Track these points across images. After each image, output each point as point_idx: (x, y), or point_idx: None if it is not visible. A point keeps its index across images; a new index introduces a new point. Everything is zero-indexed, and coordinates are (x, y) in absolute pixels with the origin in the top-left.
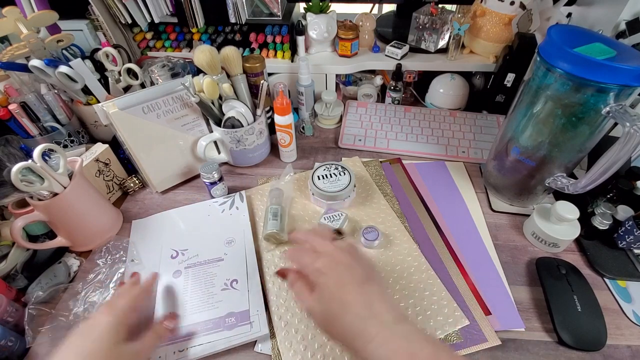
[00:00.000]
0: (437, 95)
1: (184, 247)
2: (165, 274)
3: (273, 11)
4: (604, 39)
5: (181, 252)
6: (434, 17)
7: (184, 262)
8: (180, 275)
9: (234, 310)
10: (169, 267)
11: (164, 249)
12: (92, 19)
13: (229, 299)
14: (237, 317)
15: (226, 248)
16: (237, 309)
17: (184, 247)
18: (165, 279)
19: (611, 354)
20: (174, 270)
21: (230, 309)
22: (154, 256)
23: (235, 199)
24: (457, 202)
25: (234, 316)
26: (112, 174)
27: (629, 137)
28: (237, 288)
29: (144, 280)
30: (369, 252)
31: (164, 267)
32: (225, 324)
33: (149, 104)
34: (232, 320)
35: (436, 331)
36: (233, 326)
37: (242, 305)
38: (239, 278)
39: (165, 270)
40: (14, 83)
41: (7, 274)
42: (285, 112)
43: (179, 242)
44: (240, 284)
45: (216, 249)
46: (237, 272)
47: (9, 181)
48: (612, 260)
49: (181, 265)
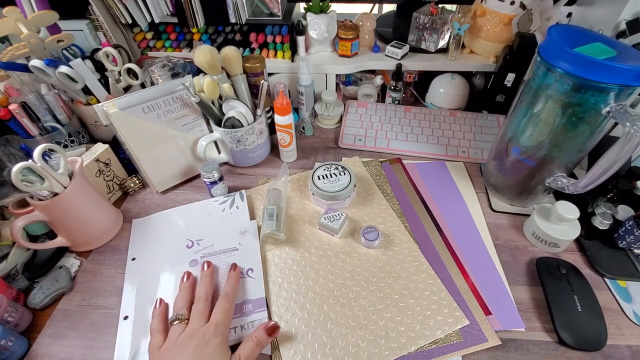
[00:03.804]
0: (437, 95)
1: (198, 237)
2: (180, 263)
3: (273, 11)
4: (604, 38)
5: (196, 241)
6: (434, 17)
7: (199, 252)
8: (197, 265)
9: (250, 298)
10: (186, 257)
11: (178, 240)
12: (92, 19)
13: (245, 286)
14: (254, 304)
15: (240, 238)
16: (254, 296)
17: (199, 237)
18: (182, 268)
19: (611, 354)
20: (191, 259)
21: (246, 296)
22: (161, 255)
23: (236, 198)
24: (457, 202)
25: (251, 303)
26: (112, 174)
27: (629, 137)
28: (252, 277)
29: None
30: (369, 252)
31: (180, 257)
32: (243, 311)
33: (149, 104)
34: (249, 307)
35: (436, 331)
36: (250, 313)
37: (258, 293)
38: (254, 267)
39: (181, 261)
40: (14, 83)
41: (7, 273)
42: (285, 112)
43: (192, 233)
44: (255, 272)
45: (231, 239)
46: (252, 262)
47: (9, 181)
48: (613, 260)
49: (197, 255)
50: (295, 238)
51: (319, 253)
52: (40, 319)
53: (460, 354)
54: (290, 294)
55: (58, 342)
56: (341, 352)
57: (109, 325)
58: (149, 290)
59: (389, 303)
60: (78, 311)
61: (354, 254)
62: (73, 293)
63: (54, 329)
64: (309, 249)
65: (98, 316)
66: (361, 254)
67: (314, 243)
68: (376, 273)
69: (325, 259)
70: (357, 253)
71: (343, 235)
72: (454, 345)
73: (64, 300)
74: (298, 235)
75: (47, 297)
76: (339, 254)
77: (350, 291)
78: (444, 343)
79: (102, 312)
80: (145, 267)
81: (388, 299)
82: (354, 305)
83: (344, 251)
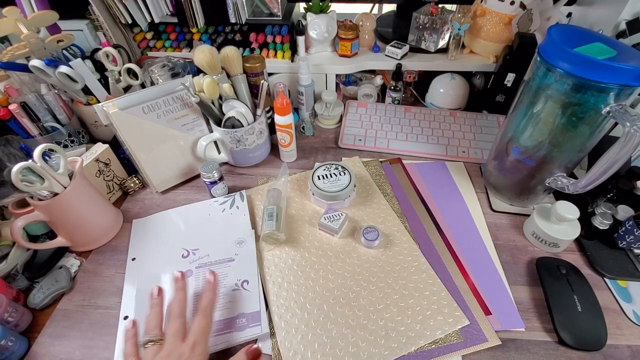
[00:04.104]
0: (437, 95)
1: (194, 246)
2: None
3: (273, 11)
4: (604, 38)
5: (192, 251)
6: (434, 17)
7: (195, 262)
8: (192, 275)
9: (244, 312)
10: (180, 266)
11: (174, 248)
12: (92, 19)
13: (239, 299)
14: (248, 318)
15: (237, 248)
16: (248, 310)
17: (195, 247)
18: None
19: (611, 354)
20: (185, 269)
21: (241, 309)
22: (160, 256)
23: (236, 199)
24: (457, 202)
25: (245, 317)
26: (112, 174)
27: (629, 137)
28: (248, 289)
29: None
30: (369, 252)
31: (175, 266)
32: (236, 325)
33: (149, 104)
34: (243, 321)
35: (436, 331)
36: (244, 327)
37: (253, 307)
38: (250, 279)
39: (176, 269)
40: (14, 83)
41: (7, 273)
42: (285, 112)
43: (188, 241)
44: (251, 284)
45: (227, 249)
46: (248, 273)
47: (9, 181)
48: (613, 260)
49: (192, 265)
50: (295, 238)
51: (319, 253)
52: (40, 319)
53: (460, 353)
54: (290, 294)
55: (58, 342)
56: (341, 352)
57: (109, 325)
58: (149, 290)
59: (389, 303)
60: (78, 311)
61: (354, 254)
62: (73, 293)
63: (54, 329)
64: (309, 249)
65: (98, 316)
66: (361, 254)
67: (314, 243)
68: (376, 273)
69: (325, 259)
70: (357, 253)
71: (343, 235)
72: (454, 345)
73: (64, 300)
74: (298, 235)
75: (47, 297)
76: (339, 254)
77: (350, 291)
78: (444, 343)
79: (102, 312)
80: (146, 267)
81: (388, 299)
82: (354, 305)
83: (344, 251)
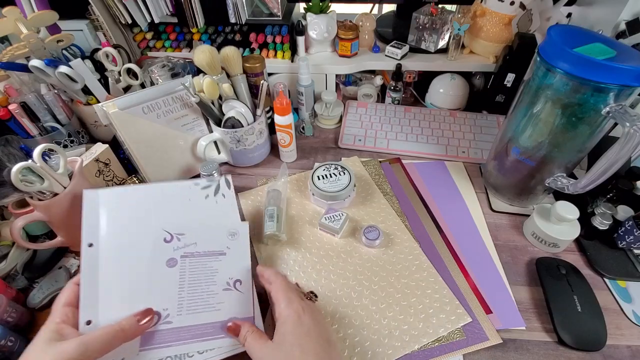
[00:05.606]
0: (437, 95)
1: (179, 230)
2: (156, 261)
3: (273, 11)
4: (604, 39)
5: (177, 236)
6: (434, 17)
7: (179, 250)
8: (176, 265)
9: (237, 316)
10: (163, 252)
11: (154, 228)
12: (92, 19)
13: (231, 301)
14: None
15: (229, 241)
16: (241, 314)
17: (180, 231)
18: (157, 268)
19: (611, 354)
20: (168, 257)
21: (232, 313)
22: (136, 239)
23: (221, 184)
24: (457, 202)
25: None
26: (112, 174)
27: (629, 137)
28: (240, 290)
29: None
30: (370, 251)
31: (157, 252)
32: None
33: (149, 104)
34: None
35: (439, 328)
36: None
37: (247, 311)
38: (243, 279)
39: (158, 255)
40: (14, 83)
41: (7, 274)
42: (285, 112)
43: (170, 224)
44: (244, 285)
45: (217, 240)
46: (240, 272)
47: (9, 181)
48: (612, 260)
49: (176, 253)
50: (296, 239)
51: (320, 253)
52: (39, 319)
53: (462, 352)
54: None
55: None
56: (345, 352)
57: None
58: (112, 288)
59: (391, 302)
60: None
61: (355, 253)
62: None
63: None
64: (310, 249)
65: None
66: (362, 254)
67: (315, 243)
68: (378, 272)
69: (326, 259)
70: (359, 253)
71: (344, 235)
72: (456, 344)
73: None
74: (299, 236)
75: (47, 297)
76: (341, 254)
77: (352, 291)
78: (447, 341)
79: None
80: (108, 255)
81: (390, 298)
82: (356, 305)
83: (345, 251)
